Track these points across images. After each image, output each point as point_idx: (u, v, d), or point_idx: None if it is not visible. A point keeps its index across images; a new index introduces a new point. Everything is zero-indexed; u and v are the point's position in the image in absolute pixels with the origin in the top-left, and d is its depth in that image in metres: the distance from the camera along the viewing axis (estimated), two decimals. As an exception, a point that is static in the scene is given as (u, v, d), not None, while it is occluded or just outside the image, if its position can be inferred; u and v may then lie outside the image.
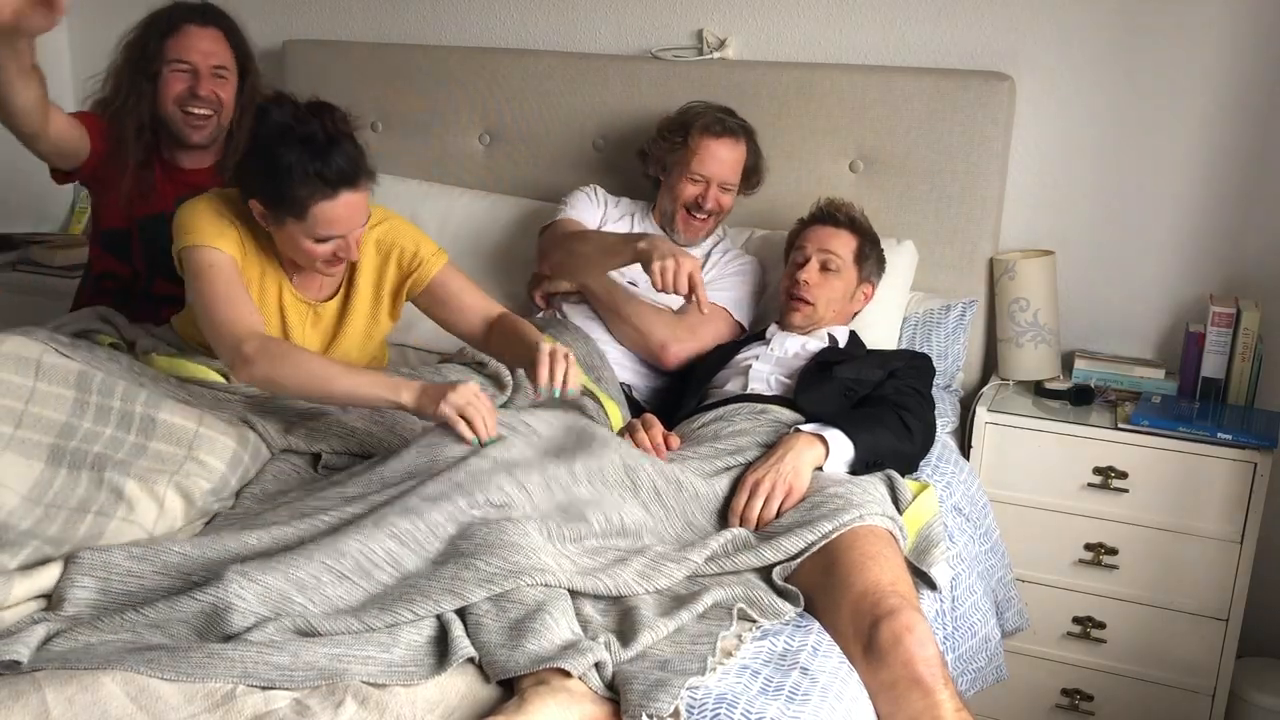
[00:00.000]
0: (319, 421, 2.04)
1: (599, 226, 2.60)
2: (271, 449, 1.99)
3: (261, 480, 1.93)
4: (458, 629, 1.49)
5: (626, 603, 1.62)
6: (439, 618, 1.51)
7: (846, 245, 2.38)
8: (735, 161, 2.53)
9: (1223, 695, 2.41)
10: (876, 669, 1.57)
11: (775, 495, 1.85)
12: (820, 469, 1.95)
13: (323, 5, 3.31)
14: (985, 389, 2.64)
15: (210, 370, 2.14)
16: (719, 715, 1.39)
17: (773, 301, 2.54)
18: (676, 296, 2.26)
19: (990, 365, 2.75)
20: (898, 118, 2.67)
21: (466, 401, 1.82)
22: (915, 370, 2.27)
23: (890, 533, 1.78)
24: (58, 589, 1.55)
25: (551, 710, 1.35)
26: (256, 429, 1.98)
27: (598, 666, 1.44)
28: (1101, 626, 2.48)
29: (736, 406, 2.17)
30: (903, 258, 2.62)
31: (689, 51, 2.94)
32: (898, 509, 1.90)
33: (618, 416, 2.24)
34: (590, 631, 1.54)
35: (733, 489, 1.92)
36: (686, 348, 2.42)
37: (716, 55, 2.91)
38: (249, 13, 3.39)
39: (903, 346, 2.59)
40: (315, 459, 2.01)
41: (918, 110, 2.65)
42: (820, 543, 1.73)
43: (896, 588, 1.64)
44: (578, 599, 1.60)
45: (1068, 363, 2.68)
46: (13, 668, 1.36)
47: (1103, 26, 2.62)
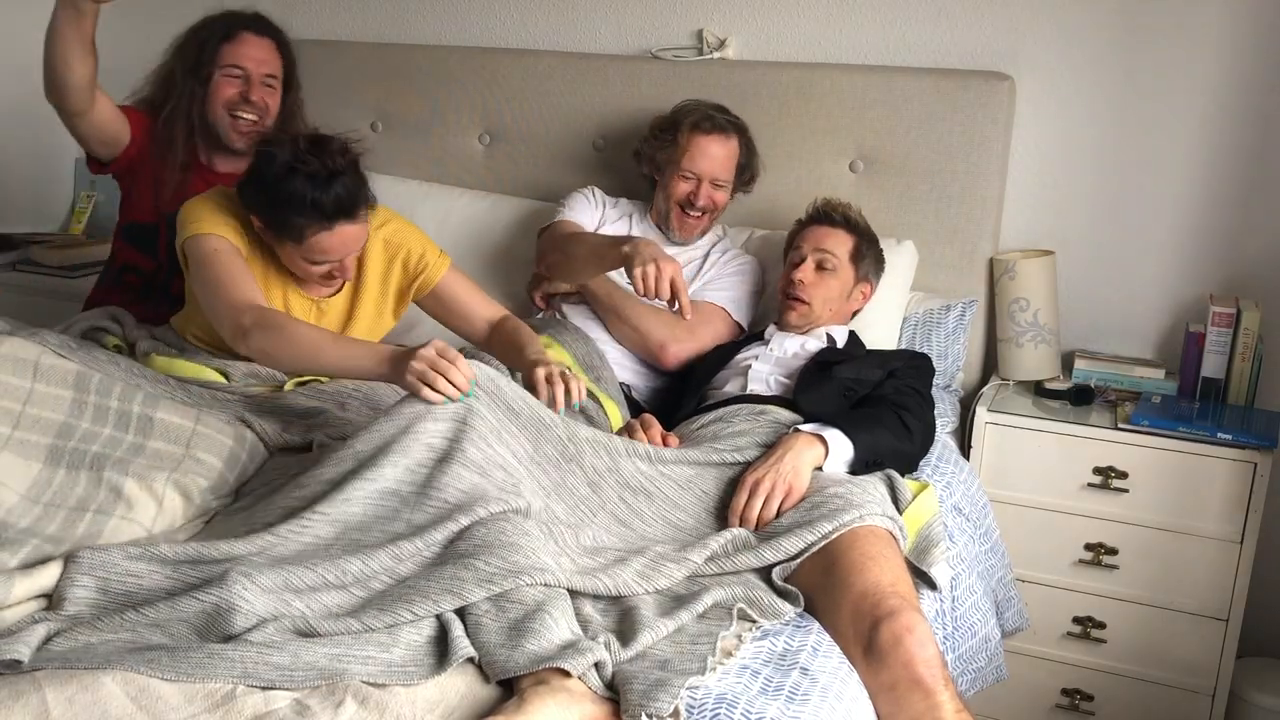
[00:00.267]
0: (316, 419, 2.05)
1: (597, 228, 2.60)
2: (269, 447, 1.99)
3: (259, 479, 1.93)
4: (457, 629, 1.49)
5: (626, 602, 1.62)
6: (438, 618, 1.52)
7: (842, 244, 2.38)
8: (727, 158, 2.53)
9: (1223, 695, 2.41)
10: (877, 670, 1.57)
11: (775, 495, 1.85)
12: (820, 469, 1.95)
13: (323, 5, 3.31)
14: (985, 389, 2.64)
15: (208, 370, 2.14)
16: (719, 715, 1.39)
17: (772, 302, 2.55)
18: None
19: (990, 365, 2.75)
20: (898, 118, 2.67)
21: (429, 364, 1.75)
22: (915, 370, 2.27)
23: (890, 533, 1.78)
24: (58, 588, 1.55)
25: (551, 710, 1.35)
26: (254, 428, 1.98)
27: (597, 666, 1.44)
28: (1101, 626, 2.48)
29: (736, 407, 2.17)
30: (903, 258, 2.62)
31: (689, 51, 2.94)
32: (898, 509, 1.90)
33: (617, 416, 2.24)
34: (590, 631, 1.54)
35: (730, 489, 1.92)
36: (686, 348, 2.42)
37: (716, 55, 2.91)
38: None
39: (903, 346, 2.60)
40: (309, 450, 2.01)
41: (918, 110, 2.65)
42: (820, 543, 1.73)
43: (897, 588, 1.64)
44: (577, 599, 1.60)
45: (1068, 363, 2.68)
46: (13, 667, 1.37)
47: (1103, 26, 2.62)
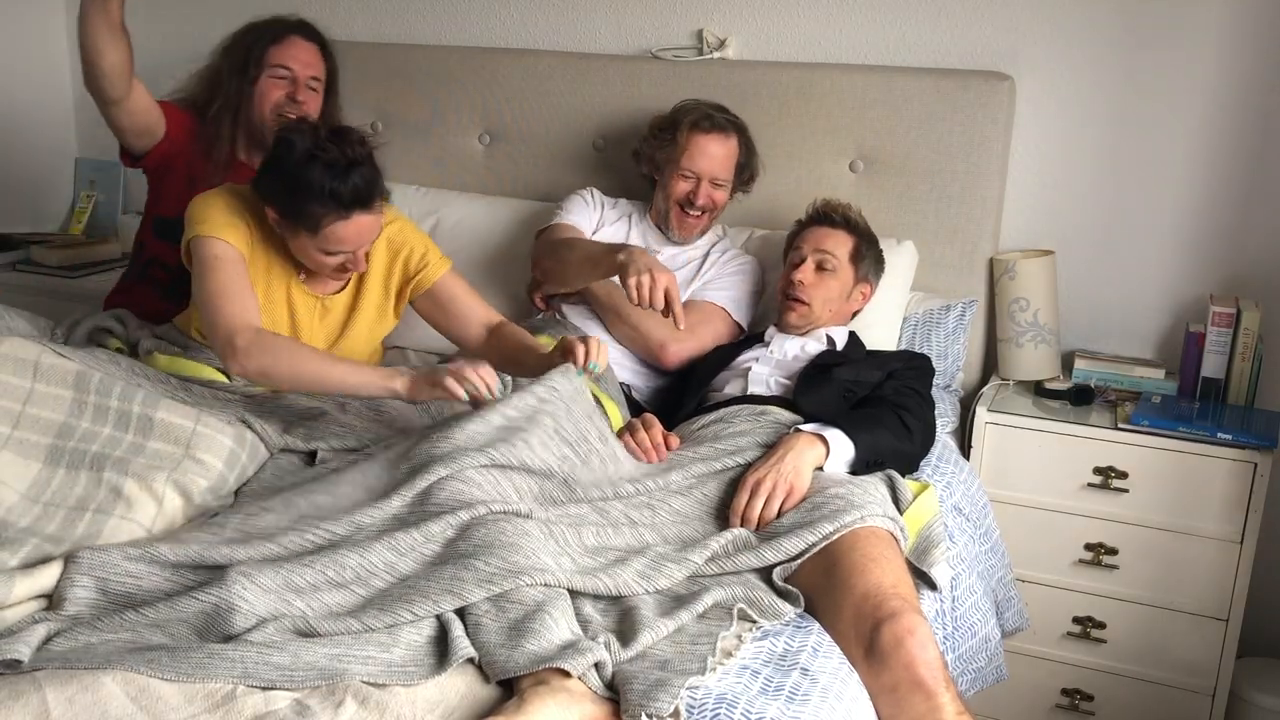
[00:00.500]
0: (317, 421, 2.04)
1: (594, 229, 2.60)
2: (269, 448, 1.99)
3: (260, 479, 1.93)
4: (457, 629, 1.49)
5: (626, 603, 1.62)
6: (438, 618, 1.52)
7: (842, 245, 2.38)
8: (726, 157, 2.53)
9: (1223, 695, 2.41)
10: (878, 671, 1.57)
11: (776, 495, 1.85)
12: (820, 469, 1.95)
13: (323, 5, 3.31)
14: (985, 389, 2.64)
15: (210, 369, 2.14)
16: (719, 715, 1.39)
17: (772, 303, 2.54)
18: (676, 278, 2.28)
19: (990, 365, 2.75)
20: (898, 118, 2.67)
21: (459, 367, 1.87)
22: (914, 370, 2.27)
23: (891, 534, 1.78)
24: (58, 589, 1.55)
25: (551, 710, 1.35)
26: (254, 428, 1.98)
27: (597, 666, 1.44)
28: (1101, 626, 2.48)
29: (736, 408, 2.17)
30: (903, 258, 2.62)
31: (689, 51, 2.94)
32: (898, 509, 1.90)
33: (617, 417, 2.24)
34: (590, 631, 1.54)
35: (731, 490, 1.92)
36: (686, 347, 2.42)
37: (716, 55, 2.91)
38: (250, 12, 3.40)
39: (903, 347, 2.59)
40: (312, 456, 2.01)
41: (918, 110, 2.65)
42: (821, 544, 1.73)
43: (898, 590, 1.64)
44: (577, 599, 1.60)
45: (1068, 363, 2.68)
46: (13, 667, 1.37)
47: (1103, 26, 2.62)
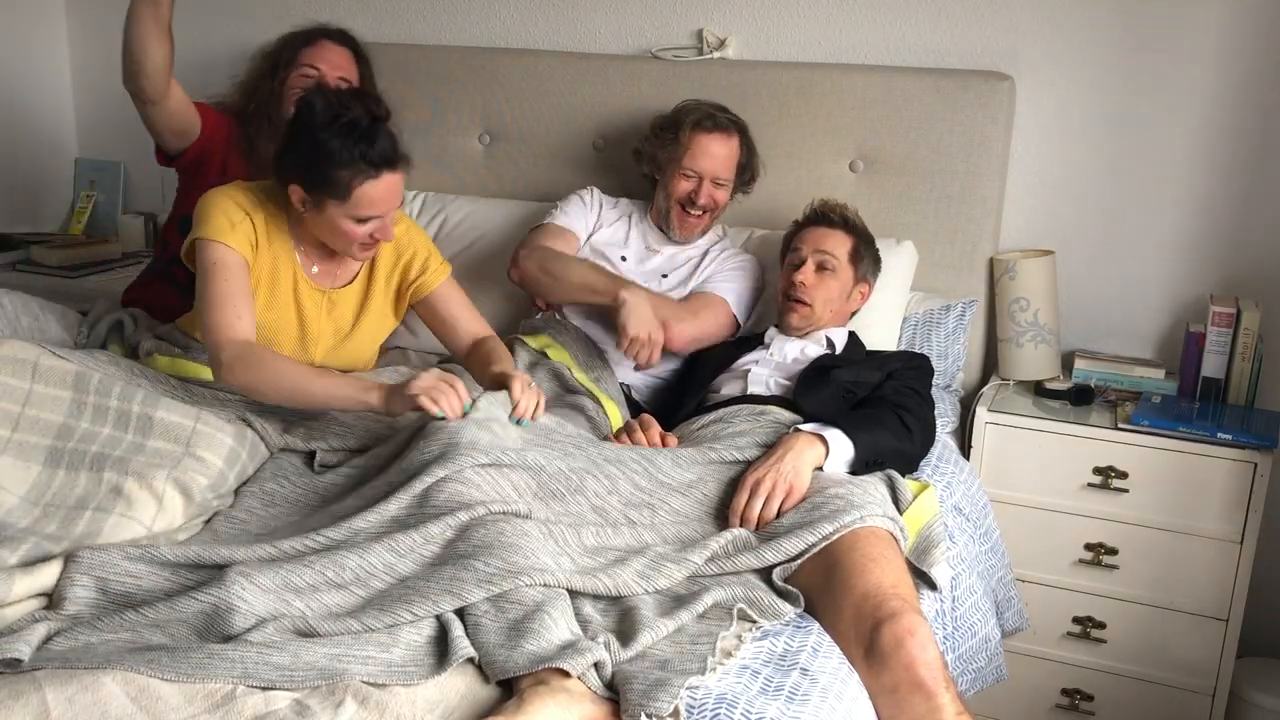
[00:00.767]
0: (317, 421, 2.05)
1: (590, 232, 2.61)
2: (269, 447, 1.99)
3: (259, 479, 1.93)
4: (457, 629, 1.49)
5: (626, 603, 1.62)
6: (438, 618, 1.52)
7: (841, 245, 2.38)
8: (728, 157, 2.53)
9: (1223, 695, 2.41)
10: (878, 672, 1.57)
11: (775, 495, 1.85)
12: (820, 469, 1.95)
13: (322, 5, 3.31)
14: (985, 389, 2.64)
15: (210, 370, 2.14)
16: (719, 715, 1.39)
17: (771, 304, 2.54)
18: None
19: (990, 365, 2.75)
20: (898, 118, 2.67)
21: (430, 385, 1.86)
22: (913, 371, 2.27)
23: (891, 534, 1.78)
24: (57, 588, 1.55)
25: (551, 710, 1.35)
26: (254, 427, 1.98)
27: (597, 666, 1.44)
28: (1101, 626, 2.48)
29: (736, 408, 2.17)
30: (902, 258, 2.62)
31: (689, 51, 2.94)
32: (898, 509, 1.90)
33: (617, 416, 2.24)
34: (590, 631, 1.54)
35: (731, 490, 1.92)
36: (687, 327, 2.42)
37: (716, 55, 2.91)
38: (250, 12, 3.40)
39: (903, 347, 2.59)
40: (311, 456, 2.01)
41: (918, 110, 2.65)
42: (821, 544, 1.72)
43: (898, 590, 1.64)
44: (577, 599, 1.60)
45: (1068, 363, 2.68)
46: (13, 666, 1.37)
47: (1103, 26, 2.62)
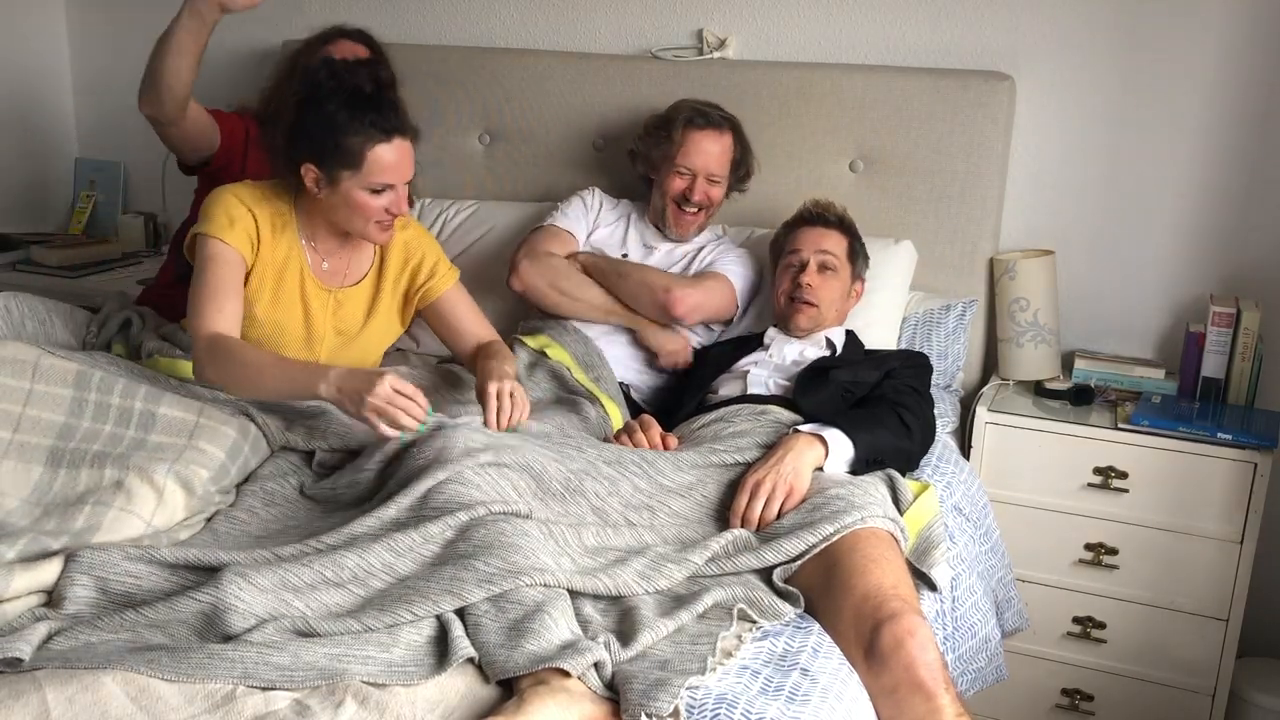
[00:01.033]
0: (318, 420, 2.04)
1: (588, 233, 2.63)
2: (271, 444, 1.99)
3: (259, 478, 1.93)
4: (457, 629, 1.49)
5: (626, 603, 1.62)
6: (438, 618, 1.52)
7: (840, 244, 2.39)
8: (721, 153, 2.54)
9: (1223, 695, 2.41)
10: (878, 673, 1.56)
11: (776, 496, 1.85)
12: (821, 469, 1.95)
13: (322, 5, 3.30)
14: (985, 389, 2.64)
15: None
16: (719, 715, 1.39)
17: (768, 306, 2.54)
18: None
19: (990, 365, 2.75)
20: (898, 118, 2.67)
21: (384, 406, 1.78)
22: (912, 369, 2.27)
23: (891, 534, 1.78)
24: (57, 587, 1.55)
25: (551, 710, 1.35)
26: (256, 422, 1.98)
27: (597, 666, 1.44)
28: (1101, 626, 2.48)
29: (736, 407, 2.17)
30: (902, 258, 2.62)
31: (689, 51, 2.94)
32: (898, 509, 1.90)
33: (617, 416, 2.24)
34: (590, 631, 1.54)
35: (731, 491, 1.92)
36: (691, 295, 2.43)
37: (716, 55, 2.91)
38: (249, 12, 3.40)
39: (902, 346, 2.59)
40: (310, 456, 2.01)
41: (918, 110, 2.65)
42: (821, 545, 1.72)
43: (898, 591, 1.64)
44: (577, 599, 1.60)
45: (1068, 363, 2.68)
46: (14, 665, 1.37)
47: (1103, 26, 2.62)
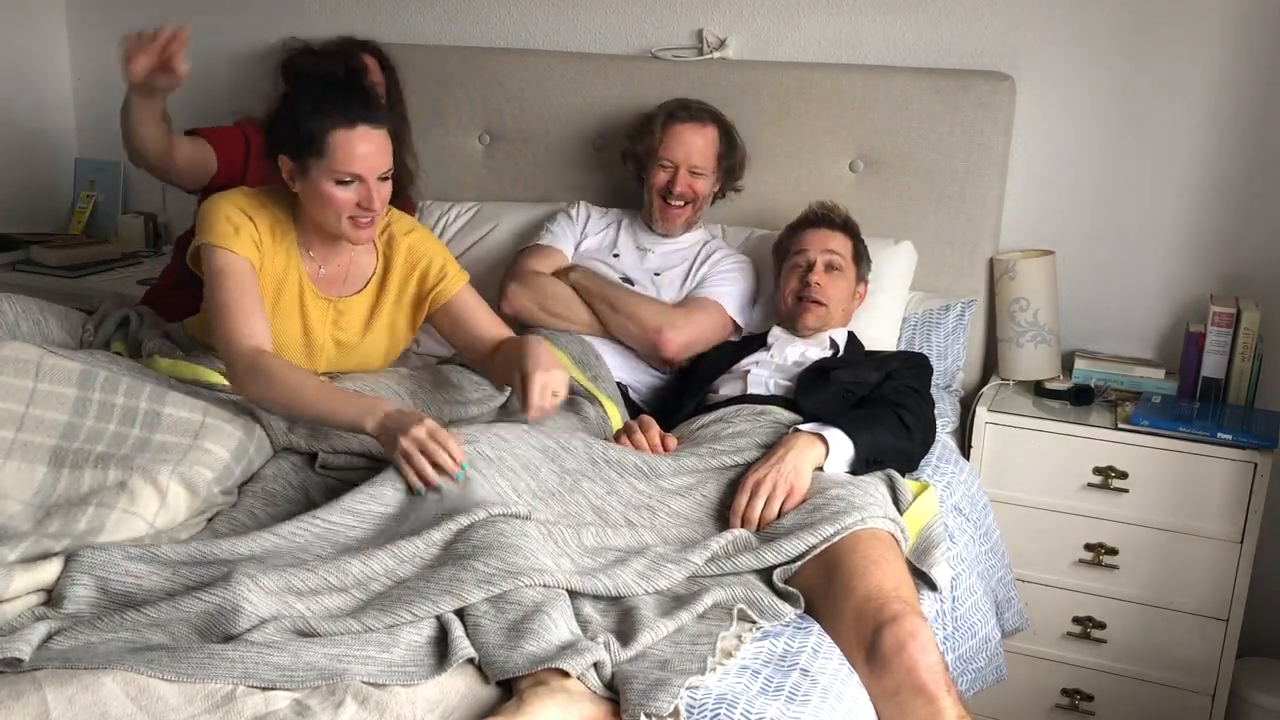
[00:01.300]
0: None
1: (576, 243, 2.64)
2: (274, 445, 1.99)
3: (261, 479, 1.93)
4: (457, 629, 1.49)
5: (626, 603, 1.62)
6: (438, 618, 1.52)
7: (845, 245, 2.40)
8: (704, 146, 2.55)
9: (1223, 695, 2.41)
10: (879, 675, 1.56)
11: (776, 496, 1.85)
12: (820, 469, 1.95)
13: (322, 5, 3.31)
14: (985, 389, 2.64)
15: (211, 373, 2.13)
16: (719, 715, 1.39)
17: (768, 306, 2.54)
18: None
19: (990, 365, 2.75)
20: (898, 118, 2.67)
21: (419, 445, 1.75)
22: (912, 370, 2.27)
23: (892, 535, 1.78)
24: (57, 586, 1.55)
25: (550, 710, 1.35)
26: (260, 422, 1.98)
27: (596, 666, 1.44)
28: (1101, 626, 2.48)
29: (736, 408, 2.17)
30: (902, 258, 2.62)
31: (689, 51, 2.94)
32: (898, 509, 1.90)
33: (616, 416, 2.24)
34: (590, 632, 1.54)
35: (731, 491, 1.92)
36: (683, 334, 2.42)
37: (716, 55, 2.91)
38: (249, 12, 3.41)
39: (902, 347, 2.60)
40: (313, 457, 2.01)
41: (918, 110, 2.65)
42: (821, 546, 1.72)
43: (899, 593, 1.64)
44: (577, 599, 1.60)
45: (1068, 363, 2.68)
46: (14, 665, 1.37)
47: (1103, 26, 2.62)
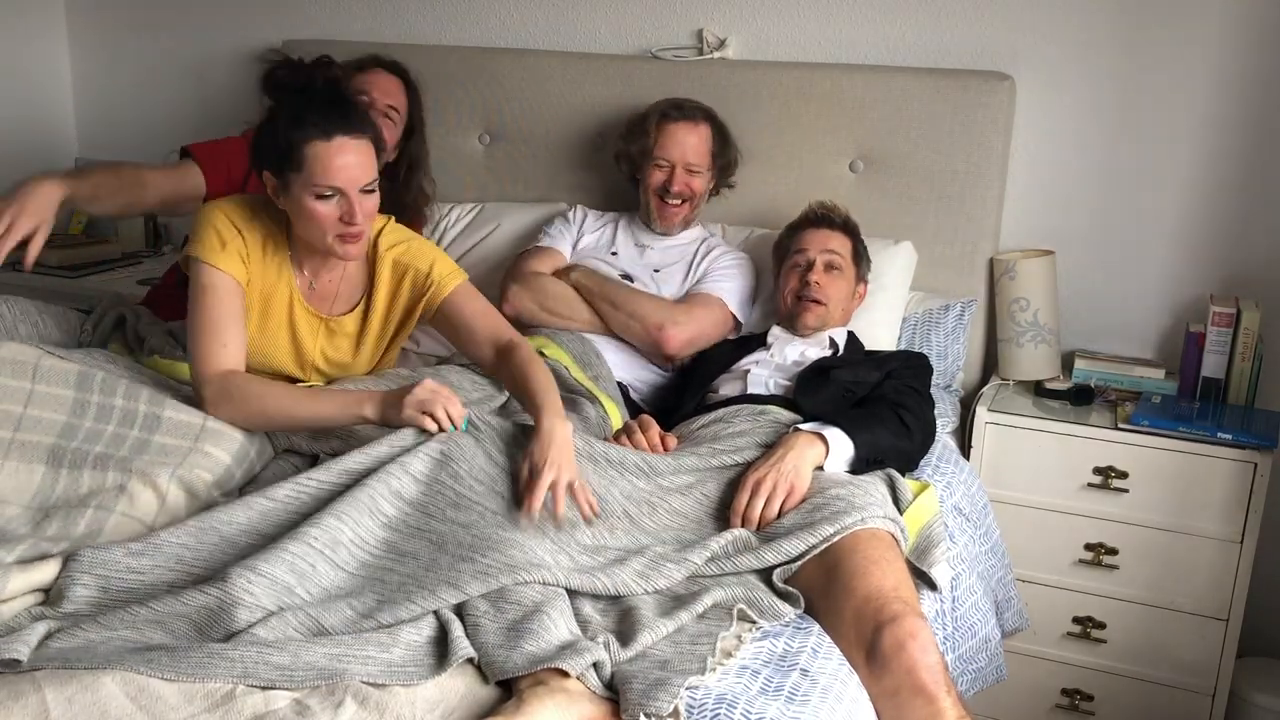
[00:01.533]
0: (322, 424, 2.04)
1: (573, 244, 2.64)
2: (275, 447, 1.99)
3: (260, 481, 1.93)
4: (457, 629, 1.49)
5: (626, 603, 1.62)
6: (438, 618, 1.52)
7: (844, 245, 2.41)
8: (697, 143, 2.57)
9: (1223, 695, 2.41)
10: (879, 676, 1.56)
11: (776, 495, 1.85)
12: (821, 468, 1.95)
13: (323, 5, 3.31)
14: (985, 389, 2.64)
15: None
16: (719, 715, 1.39)
17: (767, 306, 2.54)
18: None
19: (990, 365, 2.75)
20: (898, 118, 2.67)
21: (427, 398, 1.84)
22: (912, 369, 2.27)
23: (892, 535, 1.78)
24: (57, 586, 1.54)
25: (550, 710, 1.35)
26: None
27: (596, 666, 1.44)
28: (1101, 626, 2.48)
29: (736, 408, 2.17)
30: (902, 258, 2.62)
31: (689, 51, 2.94)
32: (898, 509, 1.90)
33: (616, 415, 2.24)
34: (589, 631, 1.54)
35: (731, 490, 1.91)
36: (685, 330, 2.43)
37: (716, 55, 2.91)
38: (249, 12, 3.41)
39: (902, 346, 2.60)
40: (314, 459, 2.01)
41: (918, 110, 2.65)
42: (821, 546, 1.72)
43: (899, 593, 1.63)
44: (577, 599, 1.60)
45: (1068, 363, 2.68)
46: (13, 666, 1.36)
47: (1103, 27, 2.62)
